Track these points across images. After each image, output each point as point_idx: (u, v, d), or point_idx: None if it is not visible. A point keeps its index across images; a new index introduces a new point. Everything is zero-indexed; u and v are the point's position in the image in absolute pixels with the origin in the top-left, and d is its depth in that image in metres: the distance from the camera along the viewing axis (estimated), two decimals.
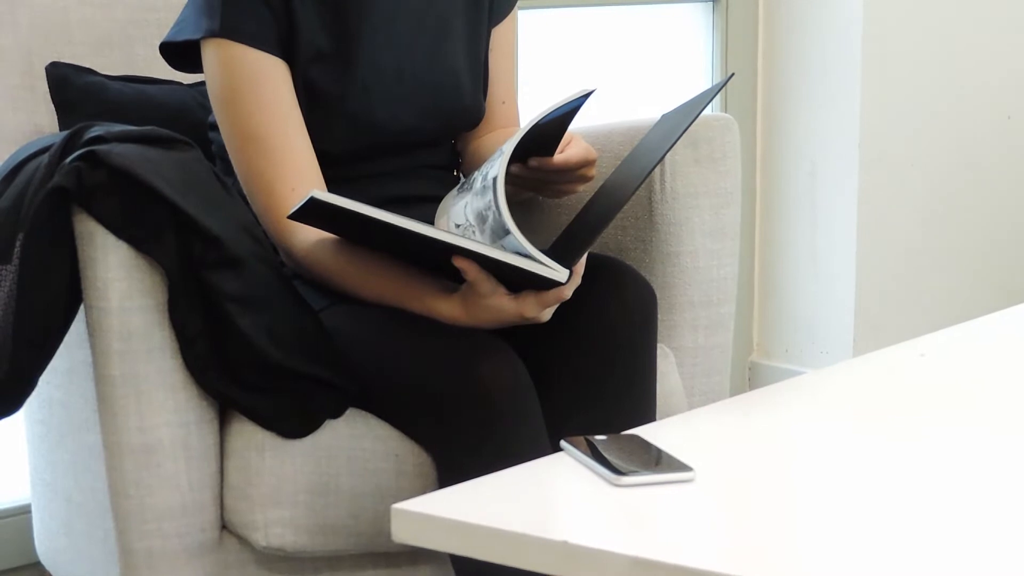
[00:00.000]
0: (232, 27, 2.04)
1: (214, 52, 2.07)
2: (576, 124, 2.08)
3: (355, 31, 2.11)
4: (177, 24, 2.12)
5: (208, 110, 2.18)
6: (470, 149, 2.29)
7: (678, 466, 1.54)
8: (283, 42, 2.07)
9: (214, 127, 2.17)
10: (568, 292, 1.92)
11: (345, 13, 2.11)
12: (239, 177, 2.09)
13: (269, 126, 2.06)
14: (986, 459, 1.61)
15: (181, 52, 2.13)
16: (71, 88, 2.29)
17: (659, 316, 2.16)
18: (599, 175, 2.14)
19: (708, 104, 1.98)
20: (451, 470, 1.91)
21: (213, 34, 2.05)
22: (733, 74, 2.14)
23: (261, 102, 2.05)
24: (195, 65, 2.12)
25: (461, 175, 2.35)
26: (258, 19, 2.05)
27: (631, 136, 2.26)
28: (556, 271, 1.87)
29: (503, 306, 1.91)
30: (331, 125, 2.10)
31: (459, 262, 1.89)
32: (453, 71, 2.19)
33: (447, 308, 1.95)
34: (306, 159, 2.07)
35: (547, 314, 1.93)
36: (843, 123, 3.44)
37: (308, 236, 2.02)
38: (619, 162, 2.12)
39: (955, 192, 3.62)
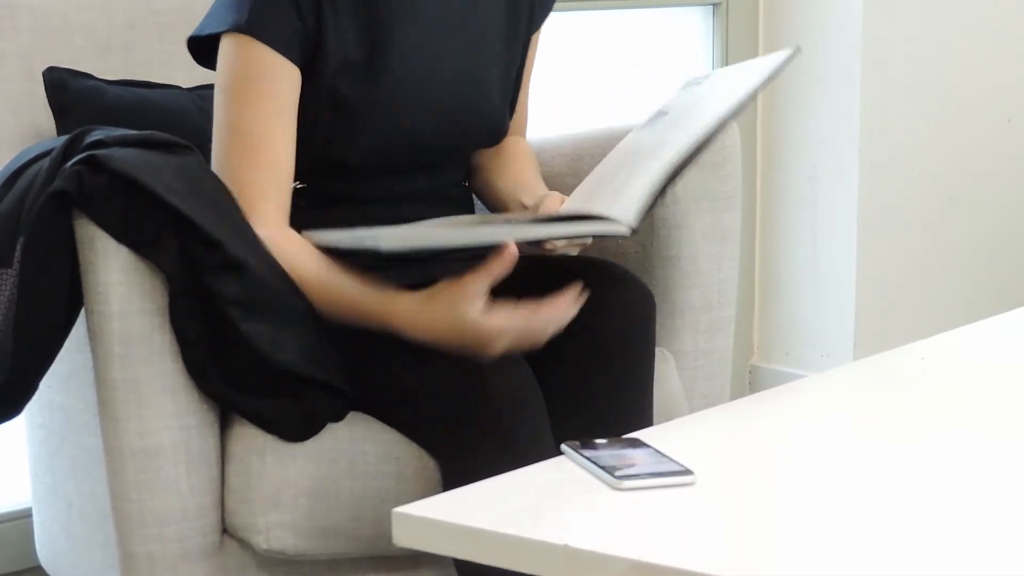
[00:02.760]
0: (257, 26, 2.03)
1: (232, 45, 2.05)
2: (576, 129, 2.09)
3: (388, 42, 2.10)
4: (205, 19, 2.10)
5: (208, 114, 2.18)
6: (482, 162, 2.28)
7: (679, 469, 1.54)
8: (307, 52, 2.06)
9: None
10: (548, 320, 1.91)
11: (380, 23, 2.09)
12: (213, 165, 2.07)
13: (256, 123, 2.04)
14: (986, 463, 1.61)
15: (206, 48, 2.12)
16: (69, 92, 2.29)
17: (659, 320, 2.16)
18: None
19: (773, 76, 2.00)
20: (456, 474, 1.90)
21: (238, 29, 2.04)
22: (799, 49, 2.10)
23: (260, 101, 2.05)
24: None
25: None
26: (285, 24, 2.04)
27: None
28: (617, 222, 1.87)
29: (473, 314, 1.89)
30: (353, 135, 2.08)
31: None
32: (483, 86, 2.17)
33: (404, 304, 1.95)
34: (283, 159, 2.06)
35: (502, 346, 1.91)
36: (843, 127, 3.44)
37: (272, 237, 2.02)
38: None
39: (955, 195, 3.62)
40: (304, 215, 2.10)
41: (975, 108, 3.61)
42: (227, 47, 2.06)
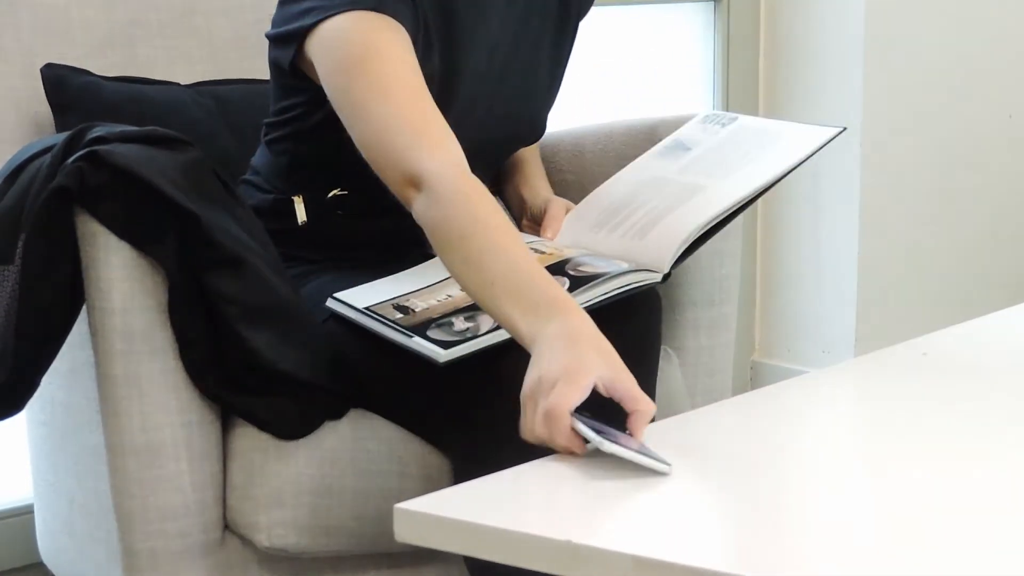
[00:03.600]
0: (390, 7, 1.97)
1: (356, 19, 1.95)
2: (577, 125, 2.09)
3: (461, 63, 2.09)
4: (297, 11, 2.02)
5: (208, 111, 2.17)
6: None
7: (659, 458, 1.54)
8: None
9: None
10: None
11: (457, 45, 2.09)
12: (369, 134, 1.91)
13: (407, 77, 1.93)
14: (989, 459, 1.60)
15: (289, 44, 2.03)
16: (67, 89, 2.29)
17: (662, 316, 2.15)
18: (604, 175, 2.15)
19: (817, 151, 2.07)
20: (471, 473, 1.88)
21: (375, 7, 1.95)
22: (845, 128, 2.12)
23: (402, 63, 1.93)
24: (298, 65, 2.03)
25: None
26: (406, 12, 1.99)
27: (632, 136, 2.26)
28: (651, 271, 1.94)
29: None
30: None
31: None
32: (536, 93, 2.19)
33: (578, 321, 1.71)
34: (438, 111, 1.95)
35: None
36: (845, 122, 3.44)
37: (465, 180, 1.83)
38: (622, 161, 2.12)
39: (957, 191, 3.62)
40: (343, 223, 2.10)
41: (977, 104, 3.61)
42: (347, 22, 1.96)
